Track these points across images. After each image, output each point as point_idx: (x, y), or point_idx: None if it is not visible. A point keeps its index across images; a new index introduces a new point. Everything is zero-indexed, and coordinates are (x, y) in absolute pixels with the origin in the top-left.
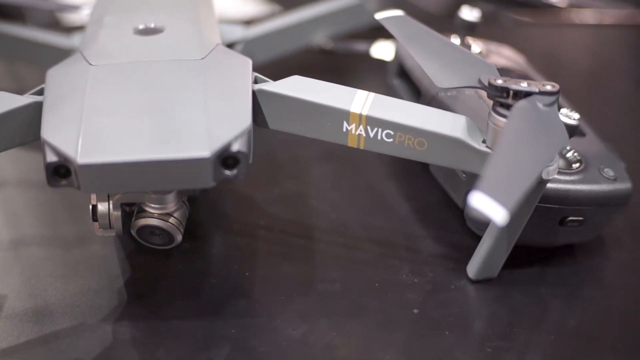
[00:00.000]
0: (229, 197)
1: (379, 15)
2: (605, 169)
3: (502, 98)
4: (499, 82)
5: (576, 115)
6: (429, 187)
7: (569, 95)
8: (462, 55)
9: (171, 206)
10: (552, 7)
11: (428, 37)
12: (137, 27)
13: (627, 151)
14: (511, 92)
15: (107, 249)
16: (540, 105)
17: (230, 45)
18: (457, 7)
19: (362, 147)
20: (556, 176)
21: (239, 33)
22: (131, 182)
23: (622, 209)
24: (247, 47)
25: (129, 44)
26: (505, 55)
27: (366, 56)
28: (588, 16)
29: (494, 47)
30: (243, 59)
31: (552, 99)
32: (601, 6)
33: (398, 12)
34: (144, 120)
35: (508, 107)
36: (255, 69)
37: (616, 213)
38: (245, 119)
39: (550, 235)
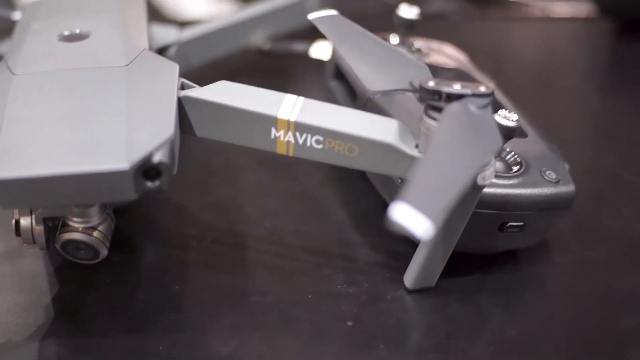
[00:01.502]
0: (160, 206)
1: (312, 16)
2: (547, 172)
3: (434, 101)
4: (431, 84)
5: (514, 117)
6: (367, 193)
7: (515, 92)
8: (394, 56)
9: (95, 219)
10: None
11: (360, 37)
12: (62, 33)
13: (573, 150)
14: (443, 95)
15: (35, 263)
16: (472, 107)
17: (164, 49)
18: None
19: (291, 154)
20: (494, 180)
21: (172, 35)
22: (50, 196)
23: (565, 212)
24: (181, 50)
25: (53, 51)
26: (446, 54)
27: (305, 56)
28: (536, 10)
29: (435, 45)
30: (169, 64)
31: (485, 101)
32: None
33: (331, 12)
34: (63, 131)
35: (440, 110)
36: (190, 72)
37: (559, 217)
38: (168, 128)
39: (490, 241)
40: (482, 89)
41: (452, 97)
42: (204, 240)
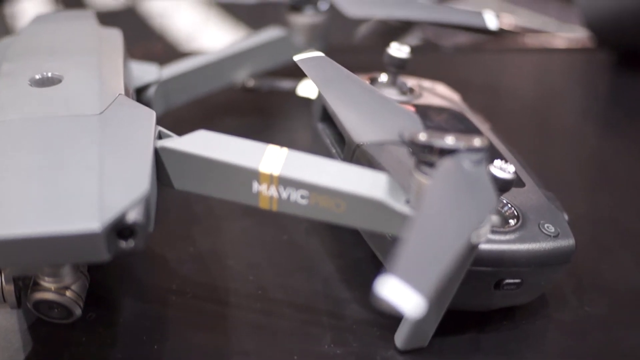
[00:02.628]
0: (138, 257)
1: (297, 58)
2: (546, 225)
3: (425, 154)
4: (422, 138)
5: (511, 168)
6: (355, 243)
7: (510, 131)
8: (383, 105)
9: (68, 279)
10: (486, 32)
11: (347, 82)
12: (33, 76)
13: (571, 195)
14: (435, 149)
15: (8, 320)
16: (466, 164)
17: (144, 88)
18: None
19: (274, 209)
20: (490, 236)
21: (152, 74)
22: (17, 257)
23: (564, 267)
24: (162, 89)
25: (23, 97)
26: (439, 94)
27: (291, 94)
28: (531, 40)
29: (427, 84)
30: (146, 111)
31: (479, 155)
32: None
33: (317, 54)
34: (30, 187)
35: (432, 165)
36: (172, 111)
37: (558, 272)
38: (142, 183)
39: (485, 299)
40: (476, 143)
41: (444, 152)
42: (184, 295)
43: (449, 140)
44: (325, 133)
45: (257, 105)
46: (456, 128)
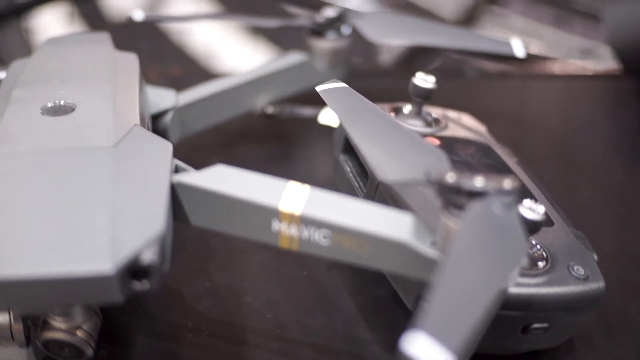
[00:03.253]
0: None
1: (319, 88)
2: (575, 267)
3: (453, 196)
4: (450, 179)
5: (541, 209)
6: (376, 280)
7: (537, 162)
8: (408, 141)
9: (79, 318)
10: (512, 58)
11: (371, 115)
12: (45, 105)
13: (599, 232)
14: (463, 191)
15: (17, 356)
16: (496, 208)
17: (160, 115)
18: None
19: (295, 248)
20: (519, 279)
21: (169, 100)
22: (24, 298)
23: (593, 311)
24: (179, 115)
25: (34, 126)
26: (465, 125)
27: (312, 121)
28: (556, 66)
29: (453, 115)
30: (162, 144)
31: (509, 198)
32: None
33: (340, 84)
34: (41, 224)
35: (461, 207)
36: (189, 137)
37: (587, 315)
38: (158, 221)
39: (512, 343)
40: (507, 185)
41: (473, 195)
42: (199, 333)
43: (479, 183)
44: (347, 165)
45: (277, 133)
46: (483, 163)
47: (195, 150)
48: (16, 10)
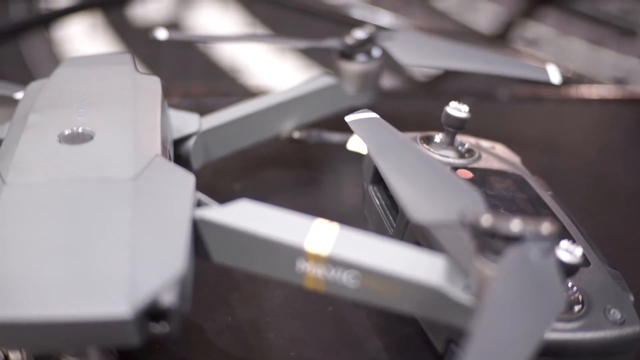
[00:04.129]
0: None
1: (348, 118)
2: (612, 310)
3: (489, 239)
4: (485, 223)
5: (579, 251)
6: (405, 318)
7: (571, 193)
8: (441, 178)
9: (94, 358)
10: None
11: (402, 150)
12: (63, 132)
13: (636, 267)
14: (500, 236)
15: None
16: (534, 254)
17: (183, 140)
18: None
19: (321, 289)
20: (554, 324)
21: (192, 125)
22: (36, 339)
23: (630, 355)
24: (202, 140)
25: (51, 155)
26: (498, 156)
27: (341, 147)
28: (591, 90)
29: (486, 144)
30: (184, 176)
31: (547, 245)
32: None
33: (370, 115)
34: (57, 263)
35: (497, 251)
36: (212, 161)
37: None
38: (178, 261)
39: None
40: (545, 230)
41: (510, 239)
42: None
43: (516, 227)
44: (376, 196)
45: (304, 158)
46: (518, 197)
47: (220, 175)
48: (42, 20)
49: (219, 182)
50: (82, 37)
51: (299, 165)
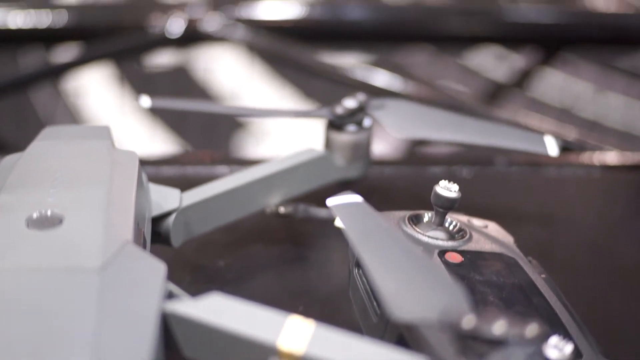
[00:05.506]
0: None
1: (330, 202)
2: None
3: (471, 343)
4: (467, 324)
5: (569, 348)
6: None
7: (567, 271)
8: (425, 275)
9: None
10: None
11: (385, 240)
12: (31, 215)
13: (636, 353)
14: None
15: None
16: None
17: (163, 217)
18: None
19: None
20: None
21: (172, 201)
22: None
23: None
24: (182, 217)
25: (17, 241)
26: (490, 236)
27: (329, 223)
28: (590, 157)
29: (478, 223)
30: (154, 266)
31: (533, 348)
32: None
33: (353, 198)
34: (16, 355)
35: (480, 354)
36: (194, 238)
37: None
38: (143, 357)
39: None
40: (529, 333)
41: (493, 342)
42: None
43: (499, 330)
44: (361, 281)
45: (291, 233)
46: (509, 282)
47: (202, 250)
48: (53, 71)
49: (201, 258)
50: (95, 88)
51: (285, 240)
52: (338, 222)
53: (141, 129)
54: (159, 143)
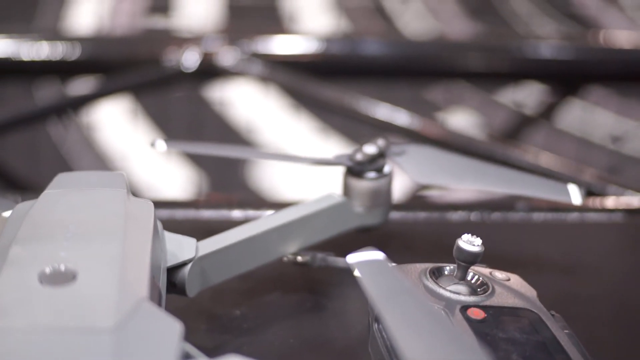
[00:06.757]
0: None
1: (350, 258)
2: None
3: None
4: None
5: None
6: None
7: (592, 327)
8: (447, 338)
9: None
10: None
11: (407, 302)
12: (44, 270)
13: None
14: None
15: None
16: None
17: (178, 267)
18: None
19: None
20: None
21: (187, 251)
22: None
23: None
24: (198, 267)
25: (30, 298)
26: (513, 289)
27: (348, 272)
28: (614, 201)
29: (501, 276)
30: (170, 326)
31: None
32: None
33: (375, 255)
34: None
35: None
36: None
37: None
38: None
39: None
40: None
41: None
42: None
43: None
44: (380, 337)
45: (308, 282)
46: (532, 340)
47: (217, 299)
48: (70, 104)
49: (217, 307)
50: (111, 121)
51: (302, 289)
52: (357, 273)
53: (157, 158)
54: (174, 169)
